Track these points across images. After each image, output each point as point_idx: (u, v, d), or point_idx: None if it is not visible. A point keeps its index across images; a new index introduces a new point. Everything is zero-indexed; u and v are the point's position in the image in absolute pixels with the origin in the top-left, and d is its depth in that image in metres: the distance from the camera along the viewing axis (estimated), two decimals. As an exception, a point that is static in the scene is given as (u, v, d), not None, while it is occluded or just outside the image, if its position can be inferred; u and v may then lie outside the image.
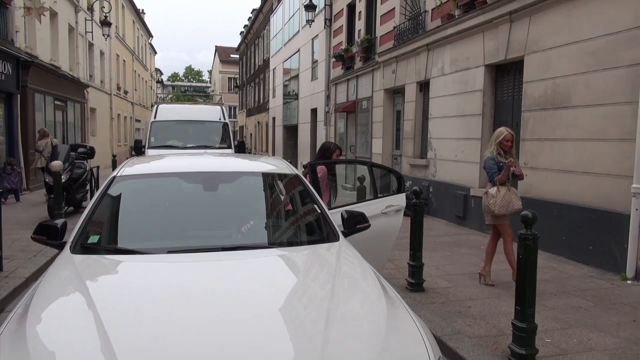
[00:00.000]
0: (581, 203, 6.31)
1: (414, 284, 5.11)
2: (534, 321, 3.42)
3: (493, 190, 5.15)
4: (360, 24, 14.91)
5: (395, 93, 12.80)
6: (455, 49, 9.44)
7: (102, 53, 23.67)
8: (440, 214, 9.94)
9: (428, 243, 6.35)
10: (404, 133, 11.98)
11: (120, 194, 3.25)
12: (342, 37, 16.59)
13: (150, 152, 10.66)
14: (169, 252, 2.70)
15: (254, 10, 38.82)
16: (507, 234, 5.24)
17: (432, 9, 10.26)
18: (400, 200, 4.83)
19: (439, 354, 1.99)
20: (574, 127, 6.46)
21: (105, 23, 20.32)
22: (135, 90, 34.62)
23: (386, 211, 4.66)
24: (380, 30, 13.28)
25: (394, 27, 12.12)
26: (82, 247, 2.73)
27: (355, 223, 3.36)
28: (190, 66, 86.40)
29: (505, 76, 8.30)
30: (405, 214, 4.88)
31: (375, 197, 4.92)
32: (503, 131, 5.26)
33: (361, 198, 8.59)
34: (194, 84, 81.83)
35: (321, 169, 5.27)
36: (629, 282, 5.47)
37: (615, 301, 4.78)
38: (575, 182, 6.43)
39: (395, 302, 2.30)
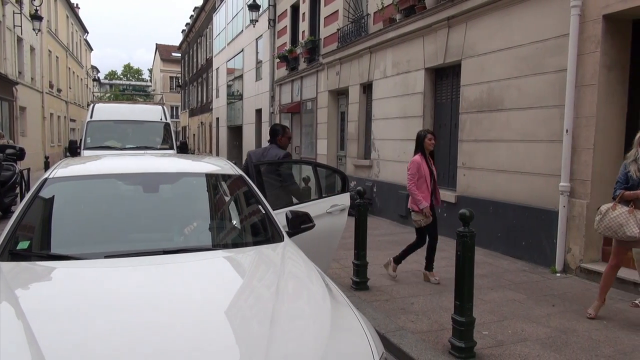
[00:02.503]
0: (515, 201, 6.64)
1: (358, 282, 5.18)
2: (472, 315, 3.56)
3: (605, 206, 4.13)
4: (304, 25, 14.96)
5: (340, 94, 12.94)
6: (396, 52, 9.67)
7: (32, 48, 22.36)
8: (384, 213, 10.15)
9: (372, 242, 6.46)
10: (348, 134, 12.13)
11: (53, 196, 3.07)
12: (287, 37, 16.59)
13: (86, 153, 10.17)
14: (107, 256, 2.59)
15: (196, 8, 38.03)
16: (616, 258, 4.25)
17: (374, 13, 10.46)
18: (344, 199, 4.88)
19: (382, 351, 2.03)
20: (507, 129, 6.78)
21: (35, 17, 19.23)
22: (70, 88, 32.97)
23: (331, 210, 4.71)
24: (324, 32, 13.38)
25: (338, 29, 12.26)
26: (11, 254, 2.57)
27: (300, 223, 3.37)
28: (129, 64, 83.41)
29: (445, 79, 8.59)
30: (349, 214, 4.94)
31: (320, 197, 4.95)
32: None
33: (306, 198, 8.62)
34: (133, 83, 78.97)
35: (415, 161, 5.49)
36: (558, 274, 5.81)
37: (546, 293, 5.06)
38: (509, 181, 6.76)
39: (340, 300, 2.33)
